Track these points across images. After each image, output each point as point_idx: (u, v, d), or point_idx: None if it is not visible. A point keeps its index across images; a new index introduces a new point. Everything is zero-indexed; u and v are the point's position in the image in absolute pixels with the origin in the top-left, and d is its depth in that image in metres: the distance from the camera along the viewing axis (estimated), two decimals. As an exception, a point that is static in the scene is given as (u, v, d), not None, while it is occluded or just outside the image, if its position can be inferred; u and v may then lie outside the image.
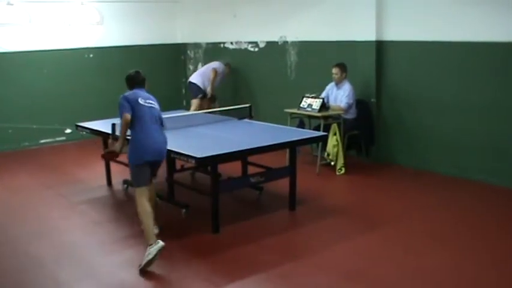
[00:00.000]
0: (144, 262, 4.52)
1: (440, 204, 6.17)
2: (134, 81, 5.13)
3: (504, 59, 6.47)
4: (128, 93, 4.99)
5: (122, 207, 6.57)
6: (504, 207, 6.01)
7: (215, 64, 9.79)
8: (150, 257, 4.51)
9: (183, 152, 5.19)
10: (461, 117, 6.98)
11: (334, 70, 7.67)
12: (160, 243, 4.57)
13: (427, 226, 5.50)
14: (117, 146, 5.03)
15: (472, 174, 6.88)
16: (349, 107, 7.59)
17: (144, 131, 4.86)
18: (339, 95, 7.66)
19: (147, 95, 5.05)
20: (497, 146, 6.66)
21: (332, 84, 7.82)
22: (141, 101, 4.92)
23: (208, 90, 9.58)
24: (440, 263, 4.59)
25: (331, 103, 7.80)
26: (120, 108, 4.88)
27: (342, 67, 7.63)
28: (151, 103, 4.99)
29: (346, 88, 7.58)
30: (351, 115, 7.70)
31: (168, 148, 5.41)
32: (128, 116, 4.81)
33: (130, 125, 4.84)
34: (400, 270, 4.52)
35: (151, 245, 4.57)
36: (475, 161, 6.90)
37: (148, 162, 4.90)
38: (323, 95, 7.80)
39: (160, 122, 5.07)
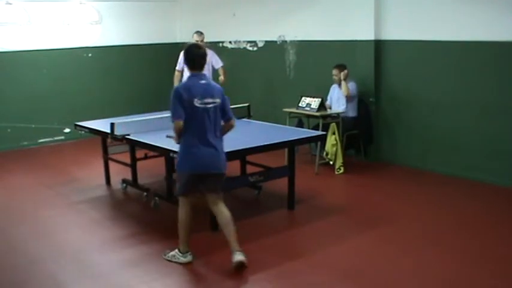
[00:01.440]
0: (168, 257, 4.71)
1: (438, 203, 6.18)
2: (194, 61, 4.45)
3: (502, 58, 6.48)
4: (183, 86, 4.40)
5: (121, 207, 6.58)
6: (503, 206, 6.02)
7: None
8: (174, 260, 4.66)
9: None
10: (460, 117, 6.99)
11: (334, 72, 7.69)
12: (189, 258, 4.63)
13: (425, 225, 5.51)
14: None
15: (470, 174, 6.89)
16: (354, 95, 7.64)
17: (194, 138, 4.38)
18: (341, 94, 7.68)
19: (208, 87, 4.41)
20: (496, 145, 6.67)
21: (335, 85, 7.85)
22: (197, 102, 4.31)
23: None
24: (438, 263, 4.60)
25: (334, 103, 7.83)
26: (171, 110, 4.35)
27: (341, 68, 7.64)
28: (210, 102, 4.37)
29: (353, 86, 7.63)
30: (352, 113, 7.72)
31: (167, 147, 5.43)
32: (180, 123, 4.33)
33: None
34: (397, 270, 4.52)
35: (181, 252, 4.65)
36: (474, 160, 6.91)
37: (194, 174, 4.49)
38: (328, 97, 7.87)
39: (225, 118, 4.53)
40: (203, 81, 4.42)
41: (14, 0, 9.15)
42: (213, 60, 8.40)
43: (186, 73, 8.22)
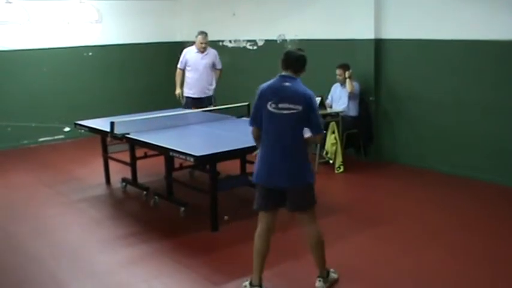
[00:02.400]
0: None
1: (438, 202, 6.18)
2: (284, 62, 4.06)
3: (503, 57, 6.47)
4: (265, 85, 4.05)
5: (121, 206, 6.59)
6: (504, 206, 6.01)
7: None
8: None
9: (182, 151, 5.20)
10: (460, 116, 6.99)
11: (338, 71, 7.70)
12: None
13: (425, 225, 5.50)
14: None
15: (472, 173, 6.88)
16: (357, 94, 7.66)
17: (266, 145, 3.97)
18: (343, 93, 7.70)
19: (290, 92, 3.90)
20: (497, 144, 6.66)
21: (337, 84, 7.86)
22: (271, 106, 3.88)
23: None
24: (439, 262, 4.60)
25: (335, 102, 7.84)
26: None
27: (345, 67, 7.65)
28: (286, 108, 3.86)
29: (357, 86, 7.66)
30: (352, 112, 7.72)
31: (167, 146, 5.44)
32: (254, 130, 4.05)
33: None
34: (398, 269, 4.52)
35: (252, 284, 4.11)
36: (475, 160, 6.90)
37: (263, 186, 4.02)
38: (329, 96, 7.89)
39: (311, 130, 3.94)
40: (287, 84, 3.96)
41: (13, -1, 9.16)
42: (216, 61, 8.37)
43: (188, 72, 8.26)
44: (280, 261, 4.64)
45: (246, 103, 7.13)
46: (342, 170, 7.40)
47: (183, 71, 8.37)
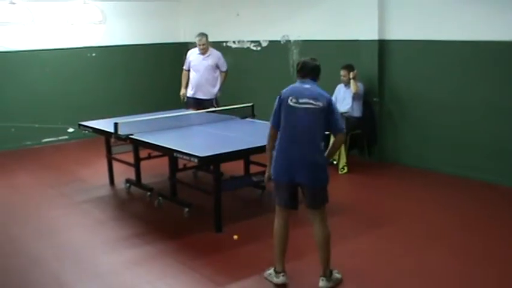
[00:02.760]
0: (266, 275, 4.33)
1: (441, 203, 6.16)
2: (301, 70, 4.20)
3: (505, 57, 6.45)
4: (286, 89, 4.15)
5: (125, 207, 6.59)
6: (507, 207, 6.00)
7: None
8: (269, 279, 4.28)
9: (186, 151, 5.20)
10: (464, 116, 6.97)
11: (343, 72, 7.68)
12: (281, 279, 4.19)
13: (428, 225, 5.49)
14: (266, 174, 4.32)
15: (474, 174, 6.87)
16: (361, 95, 7.63)
17: (284, 141, 4.05)
18: (347, 94, 7.69)
19: (310, 91, 4.04)
20: (500, 145, 6.64)
21: (341, 85, 7.85)
22: (291, 101, 4.00)
23: None
24: (441, 263, 4.58)
25: (339, 103, 7.82)
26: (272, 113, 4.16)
27: (349, 68, 7.64)
28: (307, 103, 3.98)
29: (361, 87, 7.63)
30: (356, 113, 7.70)
31: (171, 147, 5.43)
32: (272, 129, 4.12)
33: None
34: (400, 270, 4.51)
35: (275, 271, 4.25)
36: (478, 161, 6.88)
37: (279, 182, 4.14)
38: (333, 97, 7.87)
39: (329, 123, 4.05)
40: (307, 86, 4.10)
41: (17, 0, 9.16)
42: (219, 63, 8.32)
43: (190, 73, 8.27)
44: (288, 260, 4.62)
45: (250, 104, 7.13)
46: (345, 170, 7.39)
47: (188, 72, 8.38)
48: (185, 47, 11.35)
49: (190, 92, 8.33)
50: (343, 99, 7.79)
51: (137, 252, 5.00)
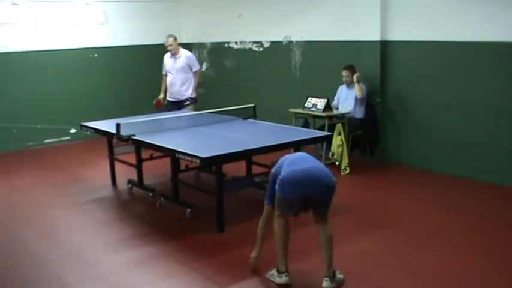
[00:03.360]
0: (269, 276, 4.33)
1: (444, 204, 6.15)
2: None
3: (509, 58, 6.45)
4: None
5: (127, 207, 6.59)
6: (508, 206, 5.99)
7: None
8: (272, 279, 4.28)
9: (188, 152, 5.19)
10: (466, 117, 6.97)
11: (345, 73, 7.69)
12: (284, 279, 4.19)
13: (430, 226, 5.48)
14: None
15: (476, 174, 6.86)
16: (365, 96, 7.64)
17: (290, 165, 4.15)
18: (349, 95, 7.70)
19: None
20: (503, 145, 6.64)
21: (343, 86, 7.85)
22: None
23: None
24: (443, 263, 4.58)
25: (341, 103, 7.83)
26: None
27: (352, 69, 7.65)
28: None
29: (364, 89, 7.63)
30: (359, 114, 7.71)
31: (173, 148, 5.43)
32: (269, 208, 4.32)
33: None
34: (402, 270, 4.50)
35: (278, 271, 4.25)
36: (480, 161, 6.88)
37: (292, 197, 4.12)
38: (335, 98, 7.89)
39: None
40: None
41: (19, 1, 9.17)
42: (190, 64, 8.34)
43: (168, 77, 8.33)
44: (288, 261, 4.61)
45: (252, 104, 7.13)
46: (347, 171, 7.39)
47: (166, 75, 8.52)
48: (187, 47, 11.36)
49: (168, 96, 8.50)
50: (345, 99, 7.80)
51: (139, 252, 4.99)
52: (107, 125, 6.71)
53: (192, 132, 6.44)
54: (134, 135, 6.02)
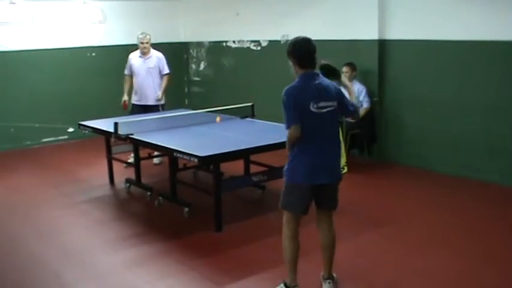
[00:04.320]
0: None
1: (442, 203, 6.16)
2: (302, 58, 3.90)
3: (506, 57, 6.46)
4: (294, 87, 3.82)
5: (125, 206, 6.59)
6: (507, 206, 6.00)
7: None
8: None
9: (186, 151, 5.20)
10: (464, 116, 6.97)
11: (345, 69, 7.70)
12: None
13: (428, 225, 5.49)
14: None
15: (474, 174, 6.86)
16: (358, 96, 7.65)
17: (312, 147, 3.81)
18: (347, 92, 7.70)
19: (325, 89, 3.81)
20: (500, 144, 6.64)
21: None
22: (313, 107, 3.73)
23: None
24: (443, 263, 4.58)
25: None
26: (285, 115, 3.81)
27: (352, 66, 7.67)
28: (325, 106, 3.79)
29: (361, 89, 7.65)
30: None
31: (171, 147, 5.43)
32: (295, 131, 3.75)
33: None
34: (401, 270, 4.51)
35: (288, 286, 4.04)
36: (478, 160, 6.88)
37: (311, 184, 3.85)
38: None
39: (346, 113, 4.04)
40: (317, 81, 3.84)
41: (17, 0, 9.15)
42: (160, 65, 7.98)
43: (133, 78, 7.84)
44: (283, 261, 4.61)
45: (250, 103, 7.13)
46: (345, 170, 7.38)
47: (130, 76, 8.01)
48: (185, 46, 11.40)
49: (134, 98, 8.00)
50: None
51: (137, 252, 5.00)
52: (105, 124, 6.71)
53: (190, 131, 6.44)
54: (132, 134, 6.02)
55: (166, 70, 8.03)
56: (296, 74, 3.96)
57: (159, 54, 8.04)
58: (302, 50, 3.93)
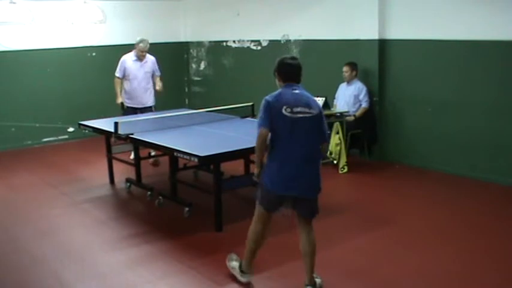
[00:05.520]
0: (230, 266, 4.41)
1: (442, 202, 6.16)
2: (287, 73, 3.94)
3: (506, 57, 6.46)
4: (272, 94, 3.88)
5: (125, 206, 6.59)
6: (506, 205, 6.01)
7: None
8: (233, 272, 4.34)
9: (186, 151, 5.20)
10: (464, 116, 6.97)
11: (345, 68, 7.72)
12: (246, 278, 4.23)
13: (429, 224, 5.49)
14: (255, 172, 4.06)
15: (475, 173, 6.87)
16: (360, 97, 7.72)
17: (281, 153, 3.84)
18: (348, 91, 7.72)
19: (302, 97, 3.86)
20: (500, 144, 6.65)
21: (343, 83, 7.86)
22: (286, 110, 3.76)
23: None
24: (442, 262, 4.59)
25: (340, 101, 7.83)
26: (259, 117, 3.88)
27: (353, 66, 7.68)
28: (302, 112, 3.80)
29: (361, 88, 7.68)
30: (355, 112, 7.72)
31: (172, 147, 5.43)
32: (264, 131, 3.80)
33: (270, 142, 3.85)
34: (401, 269, 4.51)
35: (241, 269, 4.27)
36: (478, 160, 6.89)
37: (280, 194, 3.92)
38: (336, 95, 7.90)
39: (321, 138, 3.94)
40: (295, 91, 3.88)
41: (17, 0, 9.16)
42: (155, 69, 8.13)
43: (127, 82, 7.94)
44: (284, 261, 4.63)
45: (250, 103, 7.13)
46: (346, 170, 7.39)
47: (121, 80, 8.08)
48: (186, 46, 11.40)
49: (130, 102, 8.04)
50: (344, 96, 7.80)
51: (137, 251, 5.00)
52: (105, 124, 6.71)
53: (190, 131, 6.44)
54: (132, 134, 6.02)
55: (159, 72, 8.20)
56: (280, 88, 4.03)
57: (152, 58, 8.15)
58: (287, 67, 3.98)
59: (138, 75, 7.96)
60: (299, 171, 3.84)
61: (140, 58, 7.95)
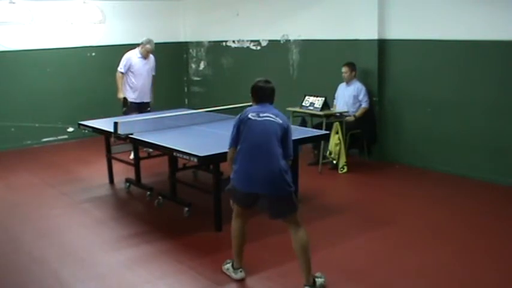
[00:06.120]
0: (224, 269, 4.47)
1: (442, 202, 6.16)
2: (258, 94, 4.24)
3: (506, 57, 6.46)
4: (245, 111, 4.18)
5: (125, 206, 6.58)
6: (506, 205, 6.01)
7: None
8: (228, 273, 4.42)
9: (186, 151, 5.19)
10: (463, 116, 6.98)
11: (344, 69, 7.71)
12: (240, 275, 4.33)
13: (429, 224, 5.49)
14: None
15: (474, 173, 6.87)
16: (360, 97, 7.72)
17: (246, 154, 4.05)
18: (347, 92, 7.71)
19: (272, 110, 4.16)
20: (500, 144, 6.65)
21: (342, 83, 7.86)
22: (252, 115, 4.07)
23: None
24: (442, 262, 4.59)
25: (340, 102, 7.83)
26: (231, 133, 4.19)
27: (351, 66, 7.68)
28: (267, 116, 4.06)
29: (360, 88, 7.67)
30: (355, 112, 7.72)
31: (171, 147, 5.43)
32: (231, 151, 4.15)
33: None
34: (401, 269, 4.51)
35: (233, 267, 4.39)
36: (477, 160, 6.89)
37: (246, 192, 4.11)
38: (336, 95, 7.90)
39: (282, 144, 4.04)
40: (264, 108, 4.17)
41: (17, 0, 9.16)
42: (154, 67, 8.50)
43: (131, 77, 8.15)
44: (284, 261, 4.62)
45: (250, 103, 7.11)
46: (345, 170, 7.39)
47: (123, 75, 8.27)
48: (185, 46, 11.40)
49: (132, 97, 8.24)
50: (343, 96, 7.80)
51: (137, 251, 4.99)
52: (105, 124, 6.71)
53: (190, 131, 6.44)
54: (132, 134, 6.02)
55: (154, 72, 8.55)
56: None
57: (153, 57, 8.49)
58: (259, 90, 4.27)
59: (143, 72, 8.26)
60: (259, 170, 3.98)
61: (145, 56, 8.24)
